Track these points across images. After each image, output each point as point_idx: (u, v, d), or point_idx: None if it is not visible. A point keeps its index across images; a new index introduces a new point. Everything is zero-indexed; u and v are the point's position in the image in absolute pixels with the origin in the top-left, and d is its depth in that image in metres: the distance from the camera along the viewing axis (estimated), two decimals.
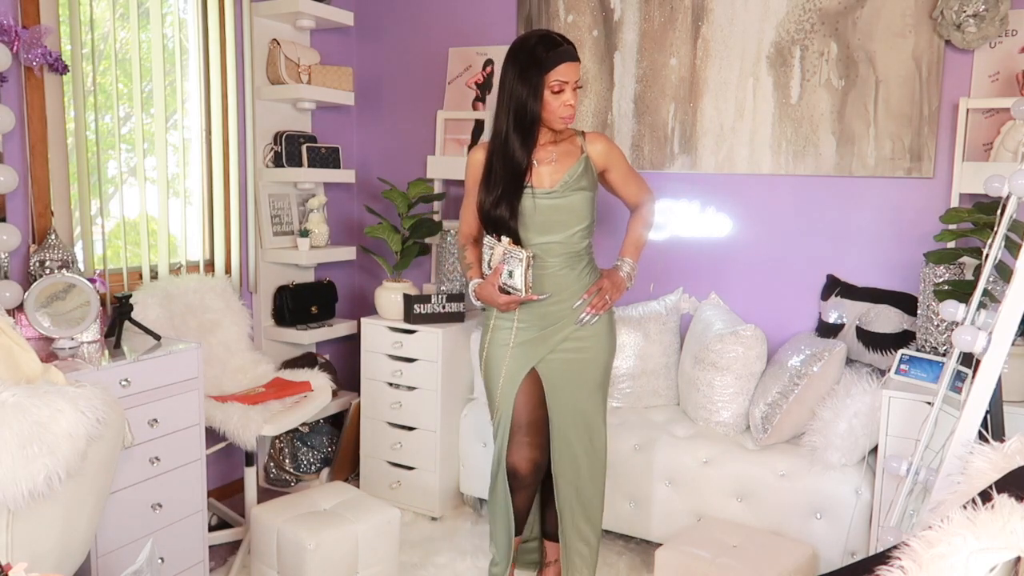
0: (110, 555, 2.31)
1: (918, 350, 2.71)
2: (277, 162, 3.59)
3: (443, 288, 3.56)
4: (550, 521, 2.67)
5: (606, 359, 2.52)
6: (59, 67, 2.60)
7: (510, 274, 2.30)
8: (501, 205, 2.33)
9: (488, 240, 2.38)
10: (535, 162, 2.37)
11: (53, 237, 2.64)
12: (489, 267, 2.38)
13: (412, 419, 3.34)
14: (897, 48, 2.97)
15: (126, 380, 2.32)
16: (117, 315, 2.55)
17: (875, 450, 2.63)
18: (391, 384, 3.37)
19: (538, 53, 2.24)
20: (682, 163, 3.37)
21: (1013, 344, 1.94)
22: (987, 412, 1.90)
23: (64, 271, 2.58)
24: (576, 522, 2.54)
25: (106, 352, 2.44)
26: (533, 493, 2.63)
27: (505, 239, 2.32)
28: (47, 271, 2.58)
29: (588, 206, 2.42)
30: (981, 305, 2.02)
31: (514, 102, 2.29)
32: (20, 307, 2.46)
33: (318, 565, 2.46)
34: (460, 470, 3.36)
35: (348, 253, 3.77)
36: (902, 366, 2.62)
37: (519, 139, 2.32)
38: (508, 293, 2.33)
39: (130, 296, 2.65)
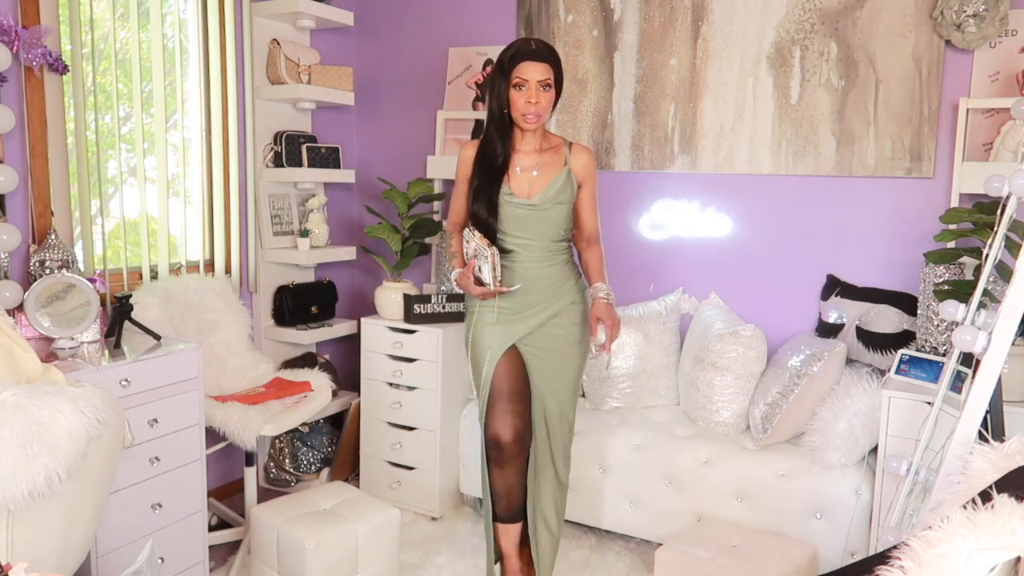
0: (110, 555, 2.31)
1: (918, 350, 2.71)
2: (277, 162, 3.59)
3: (443, 288, 3.56)
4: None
5: (583, 344, 2.59)
6: (59, 67, 2.60)
7: (479, 269, 2.44)
8: (479, 203, 2.46)
9: (466, 232, 2.49)
10: (518, 169, 2.47)
11: (53, 237, 2.64)
12: (467, 258, 2.52)
13: (412, 419, 3.34)
14: (897, 48, 2.97)
15: (126, 380, 2.32)
16: (117, 315, 2.54)
17: (875, 450, 2.63)
18: (391, 384, 3.37)
19: (508, 52, 2.40)
20: (682, 163, 3.37)
21: (1013, 344, 1.94)
22: (987, 412, 1.90)
23: (64, 271, 2.58)
24: (542, 504, 2.60)
25: (106, 352, 2.44)
26: (521, 468, 2.59)
27: (478, 234, 2.43)
28: (47, 271, 2.58)
29: (566, 217, 2.52)
30: (981, 305, 2.02)
31: (492, 99, 2.44)
32: (20, 307, 2.46)
33: (318, 565, 2.46)
34: (460, 470, 3.36)
35: (348, 253, 3.77)
36: (902, 366, 2.62)
37: (497, 134, 2.46)
38: (482, 284, 2.46)
39: (130, 296, 2.65)
